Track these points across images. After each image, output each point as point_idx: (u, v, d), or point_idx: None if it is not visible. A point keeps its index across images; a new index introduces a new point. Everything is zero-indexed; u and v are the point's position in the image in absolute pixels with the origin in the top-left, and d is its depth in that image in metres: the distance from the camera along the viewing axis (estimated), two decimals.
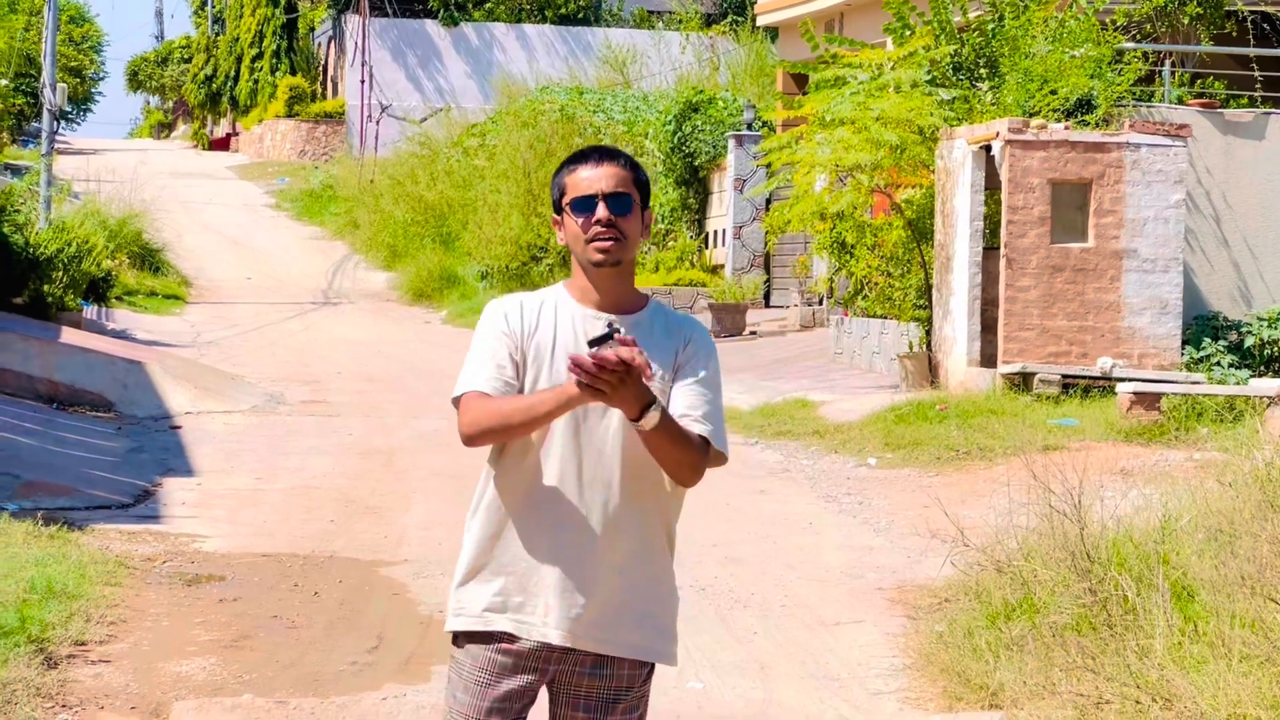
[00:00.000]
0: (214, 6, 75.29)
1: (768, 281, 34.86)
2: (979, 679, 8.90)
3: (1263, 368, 20.87)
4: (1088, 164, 20.49)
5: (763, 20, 38.74)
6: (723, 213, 36.20)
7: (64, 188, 40.99)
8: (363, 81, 58.28)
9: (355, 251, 46.03)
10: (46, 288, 26.80)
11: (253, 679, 9.49)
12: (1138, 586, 8.76)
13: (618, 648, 5.05)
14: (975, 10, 23.82)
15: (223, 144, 72.07)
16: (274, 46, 65.29)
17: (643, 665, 5.12)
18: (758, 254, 34.94)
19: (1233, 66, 26.70)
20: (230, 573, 12.30)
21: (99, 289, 30.22)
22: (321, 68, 65.55)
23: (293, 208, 52.79)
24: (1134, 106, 22.36)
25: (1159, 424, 17.45)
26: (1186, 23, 24.91)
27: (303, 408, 22.05)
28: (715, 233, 37.01)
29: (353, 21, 59.75)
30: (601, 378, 4.68)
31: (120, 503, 14.93)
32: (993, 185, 21.27)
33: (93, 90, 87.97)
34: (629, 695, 5.11)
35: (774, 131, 32.09)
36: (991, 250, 21.18)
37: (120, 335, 28.41)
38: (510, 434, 4.98)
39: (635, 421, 4.82)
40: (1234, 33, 26.01)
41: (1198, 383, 19.04)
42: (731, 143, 35.28)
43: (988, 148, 20.95)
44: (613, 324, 4.93)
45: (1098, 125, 21.56)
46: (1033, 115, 21.69)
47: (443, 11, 60.06)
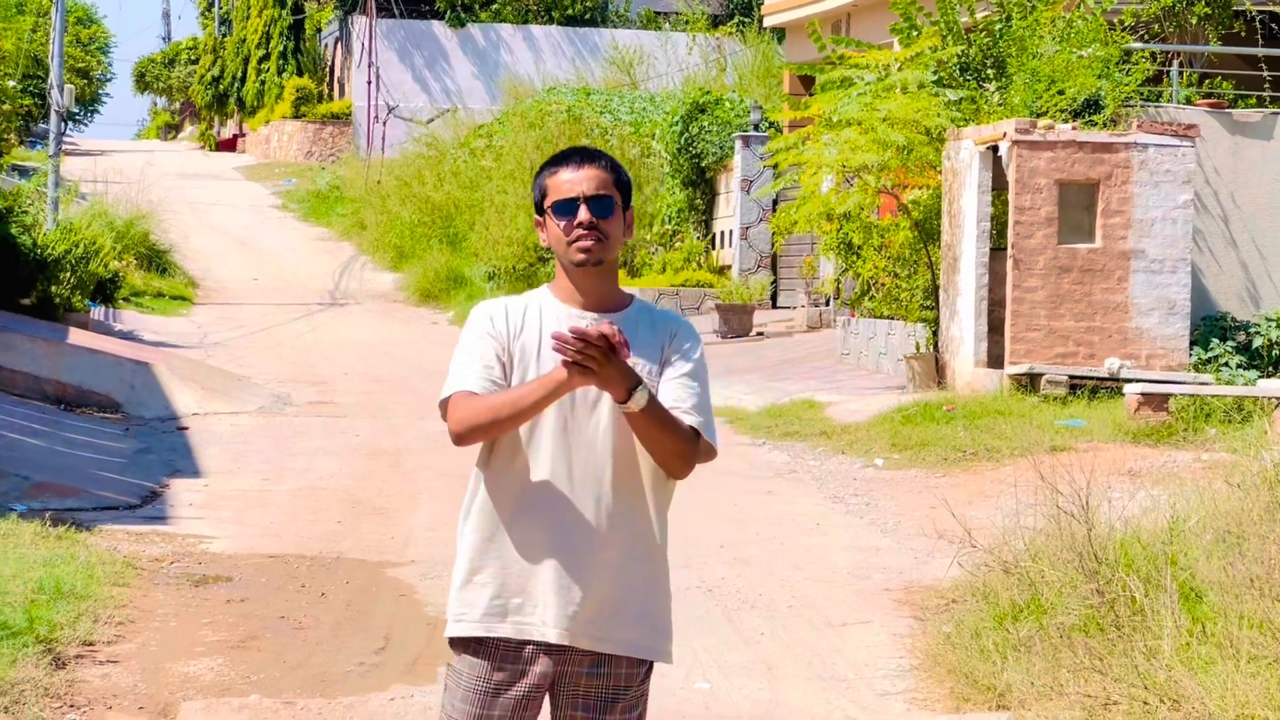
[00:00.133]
0: (221, 8, 75.33)
1: (774, 282, 34.85)
2: (986, 680, 8.89)
3: (1271, 368, 20.83)
4: (1095, 164, 20.47)
5: (769, 21, 38.71)
6: (730, 213, 36.19)
7: (71, 189, 41.01)
8: (369, 82, 58.28)
9: (362, 252, 46.02)
10: (54, 289, 26.83)
11: (260, 679, 9.49)
12: (1145, 587, 8.75)
13: (615, 645, 5.06)
14: (982, 11, 23.80)
15: (229, 145, 72.10)
16: (281, 48, 65.30)
17: (641, 663, 5.13)
18: (765, 255, 34.95)
19: (1241, 66, 26.67)
20: (237, 574, 12.31)
21: (106, 290, 30.24)
22: (328, 69, 65.57)
23: (299, 209, 52.79)
24: (1142, 107, 22.34)
25: (1167, 425, 17.43)
26: (1194, 23, 24.90)
27: (310, 409, 22.06)
28: (722, 233, 37.00)
29: (360, 22, 59.78)
30: (586, 352, 4.73)
31: (128, 504, 14.94)
32: (1000, 186, 21.25)
33: (100, 91, 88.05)
34: (628, 694, 5.11)
35: (781, 132, 32.04)
36: (998, 251, 21.16)
37: (127, 336, 28.43)
38: (500, 428, 5.00)
39: (623, 404, 4.85)
40: (1242, 33, 25.98)
41: (1206, 383, 19.02)
42: (738, 144, 35.28)
43: (995, 148, 20.93)
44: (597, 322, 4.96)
45: (1105, 125, 21.54)
46: (1040, 116, 21.67)
47: (449, 12, 60.06)
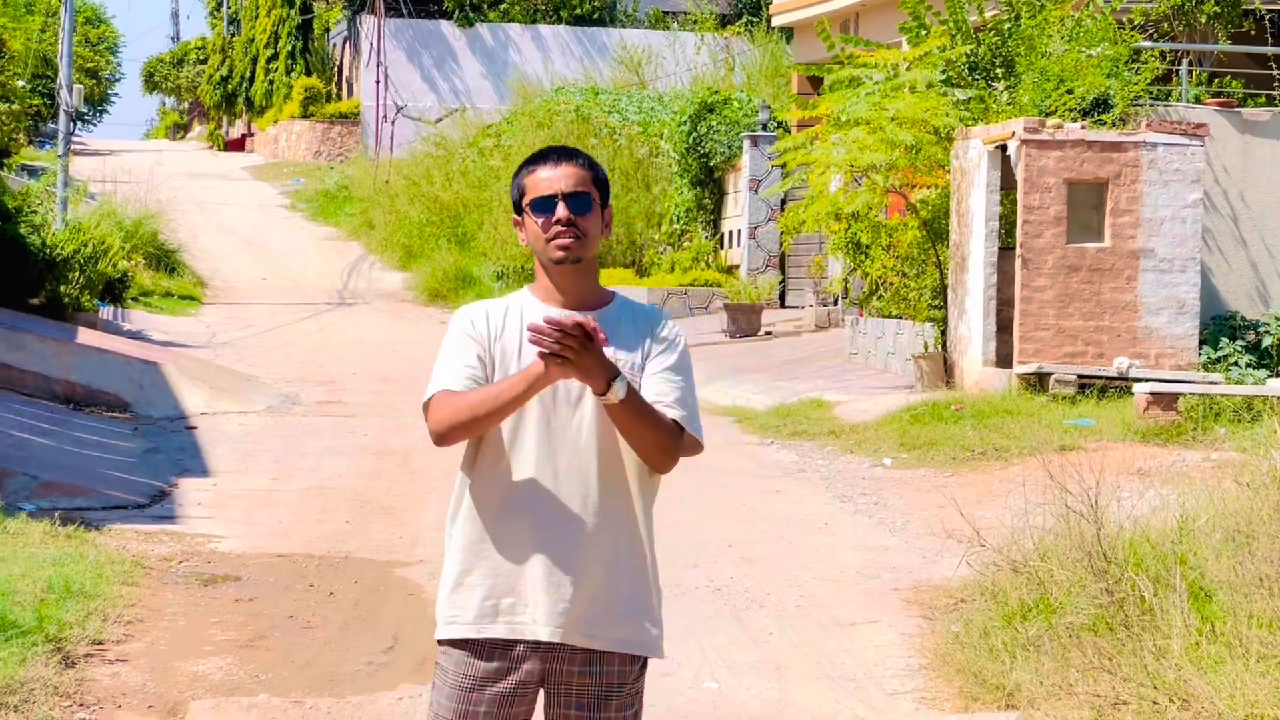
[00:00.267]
0: (229, 8, 75.38)
1: (783, 282, 34.85)
2: (995, 679, 8.88)
3: None
4: (1104, 163, 20.45)
5: (778, 21, 38.73)
6: (738, 213, 36.20)
7: (80, 189, 41.04)
8: (378, 82, 58.29)
9: (370, 252, 46.03)
10: (63, 288, 26.84)
11: (269, 679, 9.50)
12: (1155, 587, 8.74)
13: (606, 642, 5.06)
14: (991, 10, 23.79)
15: (238, 145, 72.15)
16: (289, 47, 65.33)
17: (634, 660, 5.13)
18: (773, 254, 34.95)
19: (1250, 65, 26.65)
20: (246, 573, 12.31)
21: (115, 290, 30.25)
22: (337, 68, 65.59)
23: (308, 208, 52.80)
24: (1151, 106, 22.32)
25: (1176, 424, 17.42)
26: (1204, 21, 24.87)
27: (318, 408, 22.06)
28: (730, 233, 37.01)
29: (368, 22, 59.78)
30: (563, 341, 4.74)
31: (136, 503, 14.95)
32: (1008, 185, 21.24)
33: (109, 91, 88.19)
34: (622, 691, 5.11)
35: (789, 132, 32.09)
36: (1007, 250, 21.15)
37: (136, 336, 28.45)
38: (480, 425, 5.00)
39: (602, 395, 4.86)
40: (1252, 31, 25.97)
41: (1215, 383, 19.00)
42: (746, 143, 35.29)
43: (1003, 148, 20.92)
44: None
45: (1114, 125, 21.52)
46: (1049, 115, 21.66)
47: (458, 12, 60.07)
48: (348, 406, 22.21)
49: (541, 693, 5.14)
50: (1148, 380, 18.75)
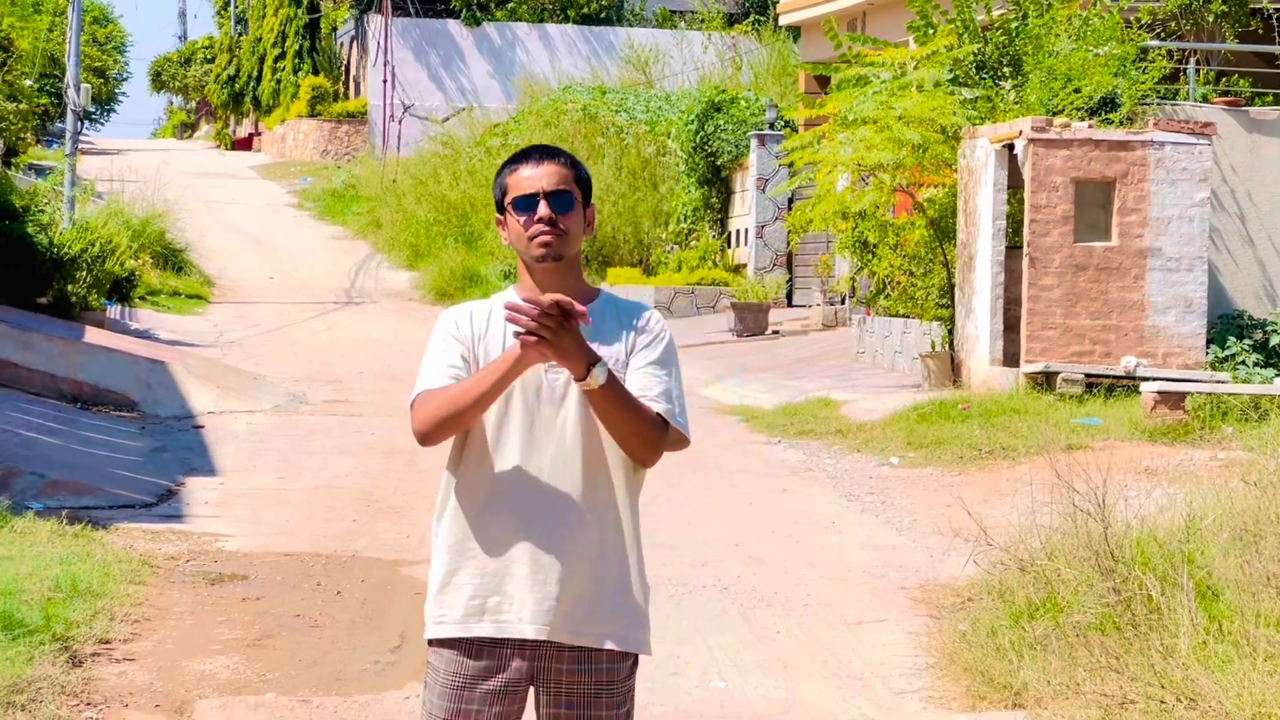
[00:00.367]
0: (237, 7, 75.41)
1: (790, 281, 34.85)
2: (1002, 678, 8.88)
3: None
4: (1111, 162, 20.44)
5: (785, 20, 38.70)
6: (745, 212, 36.19)
7: (88, 188, 41.05)
8: (385, 81, 58.31)
9: (377, 251, 46.04)
10: (70, 287, 26.87)
11: (276, 677, 9.50)
12: (1162, 586, 8.74)
13: (593, 639, 5.07)
14: (999, 9, 23.78)
15: (245, 144, 72.18)
16: (296, 46, 65.36)
17: (624, 658, 5.13)
18: (780, 253, 34.94)
19: (1258, 64, 26.63)
20: (253, 572, 12.32)
21: (122, 289, 30.29)
22: (344, 67, 65.62)
23: (315, 207, 52.83)
24: (1158, 105, 22.31)
25: (1183, 423, 17.40)
26: (1211, 20, 24.85)
27: (325, 407, 22.07)
28: (738, 232, 37.00)
29: (375, 21, 59.81)
30: (540, 320, 4.75)
31: (144, 502, 14.97)
32: (1015, 184, 21.23)
33: (116, 91, 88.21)
34: (612, 690, 5.12)
35: (796, 131, 32.07)
36: (1014, 249, 21.14)
37: (143, 335, 28.46)
38: (462, 418, 4.99)
39: (582, 380, 4.87)
40: (1259, 30, 25.94)
41: (1222, 382, 18.98)
42: (754, 142, 35.28)
43: (1011, 146, 20.91)
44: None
45: (1122, 124, 21.51)
46: (1056, 114, 21.65)
47: (465, 11, 60.07)
48: (355, 406, 22.22)
49: (533, 690, 5.15)
50: (1155, 379, 18.73)
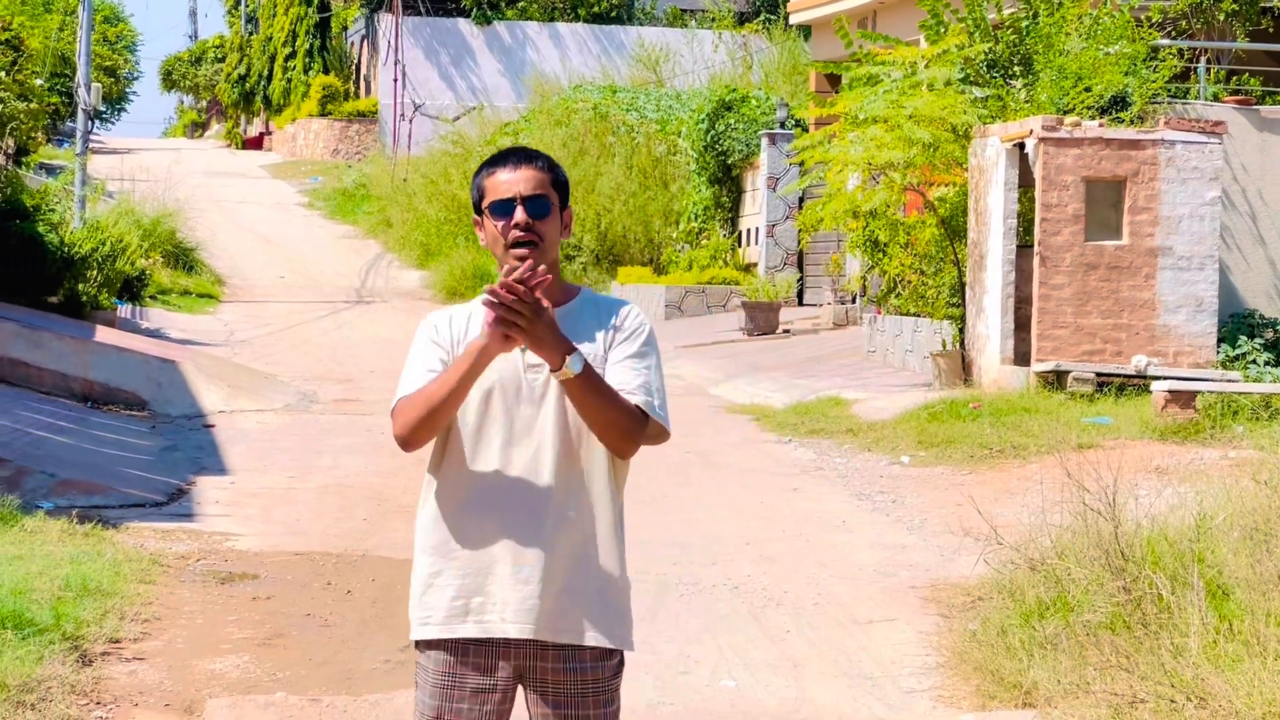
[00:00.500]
0: (247, 6, 75.48)
1: (801, 280, 34.83)
2: (1013, 677, 8.87)
3: None
4: (1122, 161, 20.42)
5: (795, 19, 38.69)
6: (756, 211, 36.18)
7: (98, 187, 41.11)
8: (395, 80, 58.35)
9: (388, 250, 46.07)
10: (81, 287, 26.89)
11: (286, 677, 9.50)
12: (1172, 585, 8.73)
13: (575, 635, 5.08)
14: (1009, 7, 23.77)
15: (256, 143, 72.24)
16: (307, 45, 65.42)
17: (609, 655, 5.15)
18: (791, 252, 34.93)
19: (1269, 63, 26.60)
20: (263, 571, 12.32)
21: (133, 288, 30.31)
22: (354, 67, 65.66)
23: (326, 206, 52.86)
24: (1169, 103, 22.28)
25: (1194, 422, 17.38)
26: (1222, 19, 24.83)
27: (336, 406, 22.08)
28: (748, 231, 37.00)
29: (386, 20, 59.84)
30: (515, 306, 4.76)
31: (154, 501, 14.97)
32: (1026, 183, 21.22)
33: (127, 90, 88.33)
34: (599, 688, 5.14)
35: (807, 130, 32.07)
36: (1025, 248, 21.13)
37: (154, 334, 28.48)
38: (437, 415, 5.02)
39: (557, 370, 4.88)
40: (1270, 29, 25.91)
41: (1233, 381, 18.96)
42: (764, 141, 35.27)
43: (1021, 145, 20.89)
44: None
45: (1132, 122, 21.49)
46: (1067, 113, 21.63)
47: (476, 10, 60.11)
48: (365, 405, 22.22)
49: (522, 689, 5.18)
50: (1166, 378, 18.71)
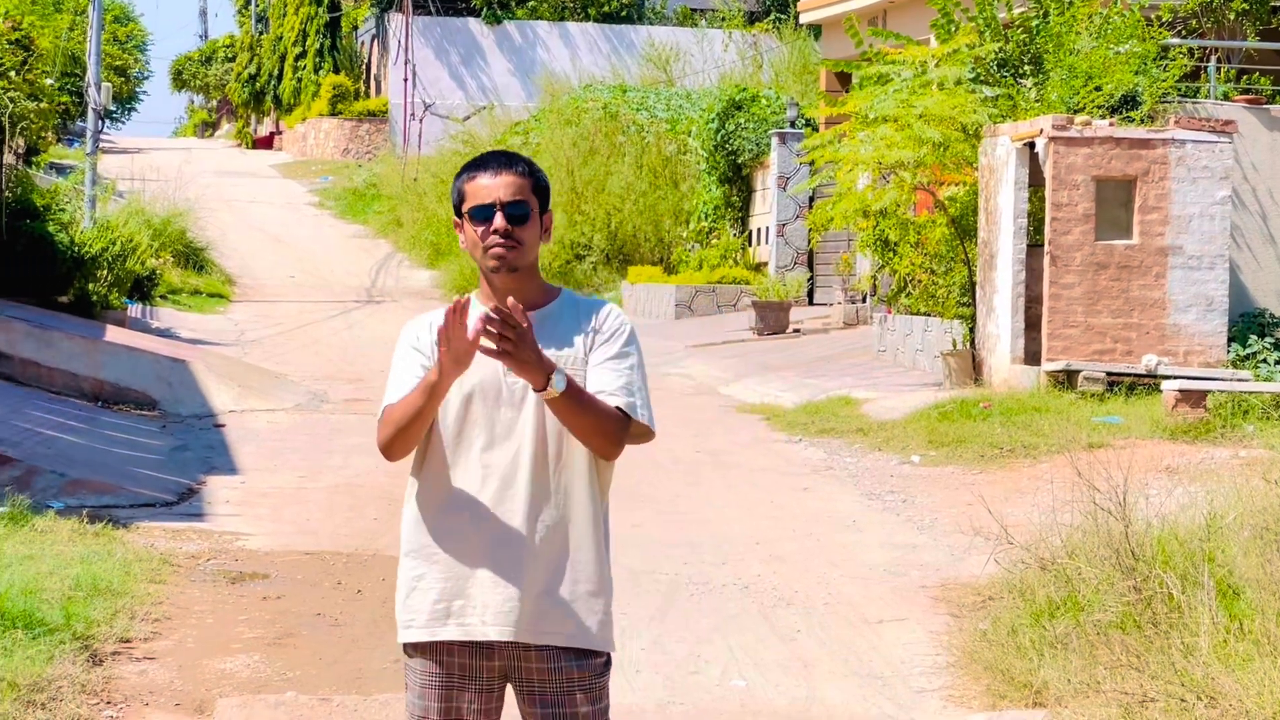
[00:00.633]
0: (258, 5, 75.53)
1: (811, 279, 34.81)
2: (1023, 677, 8.87)
3: None
4: (1132, 160, 20.40)
5: (806, 18, 38.64)
6: (766, 210, 36.17)
7: (108, 187, 41.14)
8: (406, 80, 58.35)
9: (398, 250, 46.08)
10: (91, 286, 26.91)
11: (296, 676, 9.51)
12: (1183, 584, 8.72)
13: (556, 637, 5.10)
14: (1020, 7, 23.74)
15: (266, 143, 72.29)
16: (317, 45, 65.45)
17: (593, 655, 5.17)
18: (801, 252, 34.91)
19: (1279, 62, 26.56)
20: (274, 570, 12.33)
21: (143, 287, 30.34)
22: (365, 66, 65.70)
23: (336, 206, 52.89)
24: (1179, 103, 22.26)
25: (1205, 422, 17.36)
26: (1232, 18, 24.80)
27: (346, 406, 22.09)
28: (758, 230, 36.98)
29: (396, 20, 59.87)
30: (503, 333, 4.77)
31: (164, 501, 14.99)
32: (1037, 182, 21.20)
33: (137, 89, 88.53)
34: (585, 686, 5.16)
35: (817, 129, 32.06)
36: (1035, 247, 21.11)
37: (164, 334, 28.50)
38: (410, 433, 5.07)
39: (541, 391, 4.91)
40: None
41: (1244, 380, 18.94)
42: (775, 140, 35.25)
43: (1032, 145, 20.88)
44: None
45: (1143, 122, 21.47)
46: (1077, 112, 21.61)
47: (486, 10, 60.12)
48: (376, 404, 21.90)
49: (512, 689, 5.22)
50: (1176, 378, 18.69)
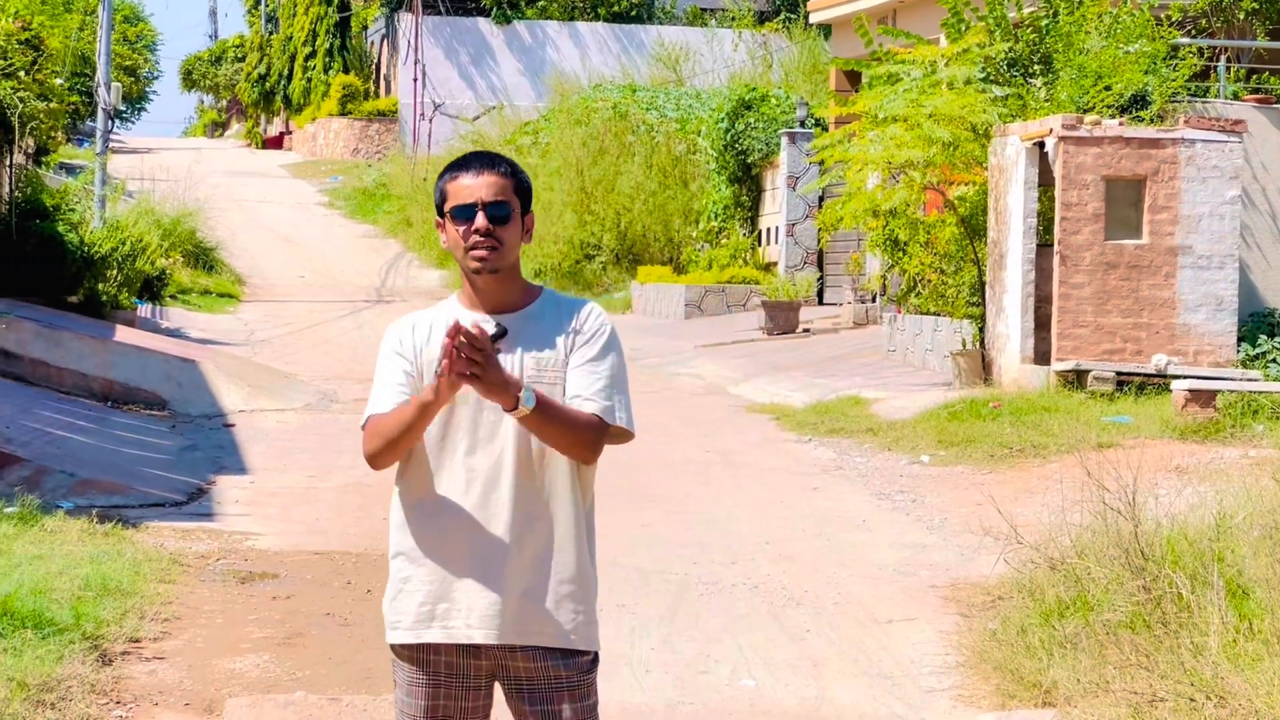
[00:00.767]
0: (267, 5, 75.53)
1: (821, 279, 34.81)
2: (1032, 677, 8.86)
3: None
4: (1142, 160, 20.38)
5: (815, 17, 38.64)
6: (776, 210, 36.16)
7: (118, 186, 41.16)
8: (415, 79, 58.38)
9: (408, 249, 46.09)
10: (101, 286, 26.94)
11: (305, 676, 9.52)
12: (1192, 584, 8.71)
13: (541, 637, 5.12)
14: (1029, 6, 23.73)
15: (276, 142, 72.31)
16: (327, 45, 65.47)
17: (579, 654, 5.19)
18: (811, 251, 34.90)
19: None
20: (283, 570, 12.34)
21: (153, 287, 30.36)
22: (374, 66, 65.72)
23: (346, 206, 52.91)
24: (1189, 102, 22.24)
25: (1214, 421, 17.34)
26: (1242, 18, 24.79)
27: (356, 406, 22.08)
28: (768, 230, 36.97)
29: (406, 20, 59.89)
30: (470, 355, 4.79)
31: (174, 500, 15.00)
32: (1046, 182, 21.18)
33: (147, 89, 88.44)
34: (573, 685, 5.18)
35: (827, 129, 32.04)
36: (1045, 247, 21.09)
37: (174, 334, 28.52)
38: (399, 445, 5.10)
39: (512, 411, 4.93)
40: None
41: (1253, 380, 18.92)
42: (784, 140, 35.24)
43: (1041, 144, 20.86)
44: (500, 324, 5.04)
45: (1152, 121, 21.45)
46: (1087, 111, 21.59)
47: (495, 9, 60.13)
48: None
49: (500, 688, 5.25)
50: (1186, 377, 18.67)
